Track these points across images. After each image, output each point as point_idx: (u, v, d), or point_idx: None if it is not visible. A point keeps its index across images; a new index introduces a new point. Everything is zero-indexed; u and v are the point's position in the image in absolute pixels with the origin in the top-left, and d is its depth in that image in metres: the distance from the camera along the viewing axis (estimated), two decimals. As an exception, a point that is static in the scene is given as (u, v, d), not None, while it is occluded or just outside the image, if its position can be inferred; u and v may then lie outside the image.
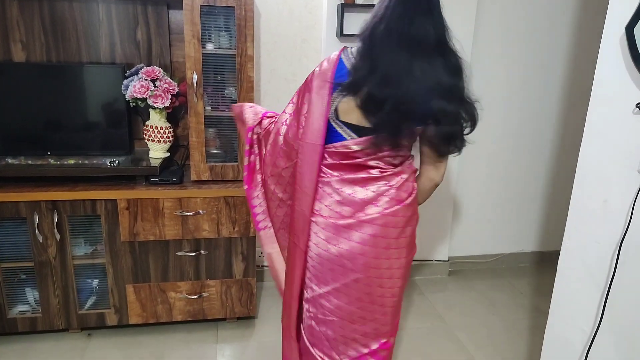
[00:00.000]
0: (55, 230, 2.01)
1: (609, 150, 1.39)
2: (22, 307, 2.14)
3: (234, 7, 2.00)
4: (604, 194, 1.41)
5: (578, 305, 1.52)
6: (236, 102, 2.10)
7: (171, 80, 2.19)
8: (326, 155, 1.33)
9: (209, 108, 2.14)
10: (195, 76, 2.02)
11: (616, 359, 1.42)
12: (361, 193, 1.30)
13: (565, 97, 2.92)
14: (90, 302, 2.19)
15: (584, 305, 1.49)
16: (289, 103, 1.44)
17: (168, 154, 2.30)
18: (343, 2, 2.33)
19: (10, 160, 2.11)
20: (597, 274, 1.44)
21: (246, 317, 2.35)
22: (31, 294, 2.13)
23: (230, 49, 2.09)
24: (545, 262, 3.14)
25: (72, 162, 2.12)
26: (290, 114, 1.42)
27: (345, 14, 2.34)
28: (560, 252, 1.57)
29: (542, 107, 2.91)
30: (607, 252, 1.41)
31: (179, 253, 2.14)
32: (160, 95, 2.14)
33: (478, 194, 2.98)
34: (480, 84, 2.75)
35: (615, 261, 1.37)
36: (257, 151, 1.56)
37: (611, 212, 1.39)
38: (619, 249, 1.36)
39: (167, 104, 2.16)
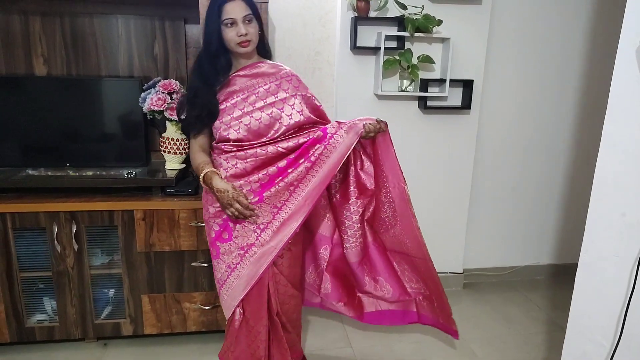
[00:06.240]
0: (74, 240, 2.04)
1: (626, 163, 1.37)
2: (40, 317, 2.17)
3: (249, 21, 2.03)
4: (622, 207, 1.39)
5: (597, 320, 1.49)
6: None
7: (187, 93, 2.23)
8: None
9: (224, 120, 2.16)
10: (211, 89, 2.04)
11: (637, 376, 1.39)
12: None
13: (580, 106, 2.90)
14: (106, 311, 2.21)
15: (603, 319, 1.47)
16: None
17: (184, 165, 2.34)
18: (356, 15, 2.35)
19: (30, 172, 2.16)
20: (616, 288, 1.42)
21: (259, 328, 2.35)
22: (49, 304, 2.17)
23: (245, 62, 2.12)
24: (561, 275, 3.09)
25: (90, 173, 2.16)
26: None
27: (359, 27, 2.35)
28: (578, 266, 1.55)
29: (557, 117, 2.89)
30: (626, 266, 1.39)
31: (193, 264, 2.16)
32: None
33: (493, 205, 2.96)
34: (494, 93, 2.76)
35: (635, 275, 1.35)
36: None
37: (630, 226, 1.37)
38: (639, 263, 1.34)
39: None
